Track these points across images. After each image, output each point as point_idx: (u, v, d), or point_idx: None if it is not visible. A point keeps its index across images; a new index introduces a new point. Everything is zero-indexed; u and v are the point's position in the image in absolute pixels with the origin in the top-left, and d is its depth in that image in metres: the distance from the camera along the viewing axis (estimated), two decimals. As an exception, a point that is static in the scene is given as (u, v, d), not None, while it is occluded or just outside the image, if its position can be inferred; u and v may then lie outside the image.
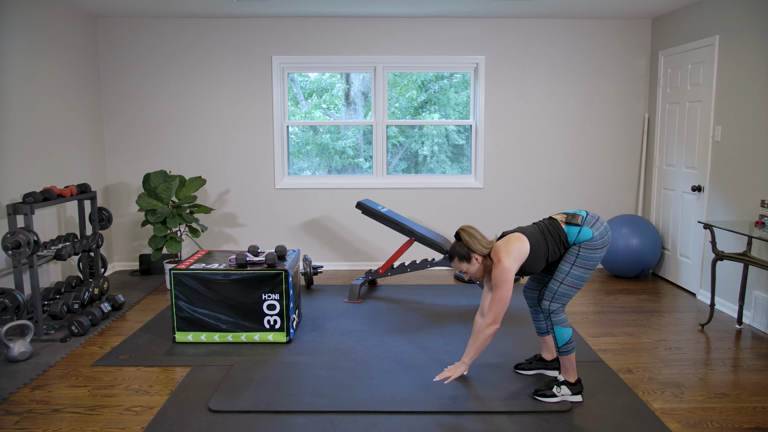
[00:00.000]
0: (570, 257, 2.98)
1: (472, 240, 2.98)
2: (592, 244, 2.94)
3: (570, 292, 2.99)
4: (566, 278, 2.97)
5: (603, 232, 2.97)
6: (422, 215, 6.02)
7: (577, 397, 3.06)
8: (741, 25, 4.44)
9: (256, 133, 5.89)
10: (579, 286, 3.00)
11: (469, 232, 3.00)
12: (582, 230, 2.95)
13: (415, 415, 2.93)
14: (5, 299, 3.92)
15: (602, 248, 2.97)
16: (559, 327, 3.01)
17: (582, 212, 3.02)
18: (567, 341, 3.01)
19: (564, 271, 2.98)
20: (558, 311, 3.00)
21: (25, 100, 4.55)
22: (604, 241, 2.97)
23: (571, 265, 2.97)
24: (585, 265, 2.96)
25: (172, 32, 5.74)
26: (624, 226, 5.43)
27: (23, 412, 3.00)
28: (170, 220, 5.16)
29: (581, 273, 2.97)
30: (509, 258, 2.89)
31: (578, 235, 2.95)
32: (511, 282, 2.90)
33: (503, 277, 2.88)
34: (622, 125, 5.94)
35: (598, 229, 2.96)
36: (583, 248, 2.95)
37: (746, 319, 4.35)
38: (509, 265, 2.88)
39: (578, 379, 3.08)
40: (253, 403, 3.04)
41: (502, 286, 2.89)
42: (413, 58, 5.81)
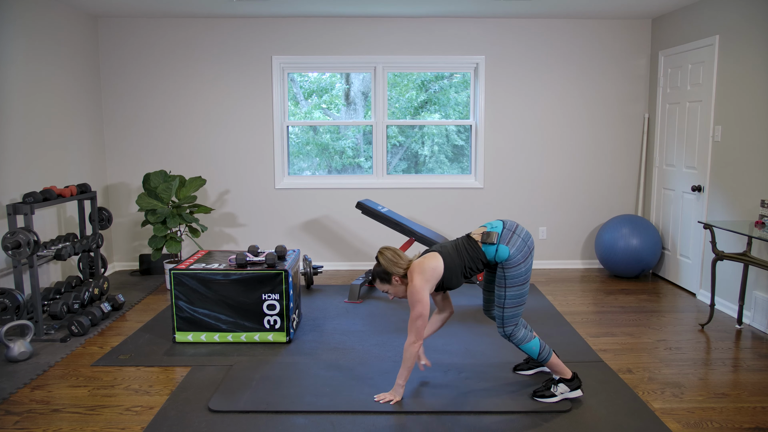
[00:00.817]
0: (500, 281, 3.00)
1: (389, 263, 3.01)
2: (513, 262, 2.95)
3: (515, 311, 3.01)
4: (506, 302, 2.99)
5: (521, 246, 2.96)
6: (422, 215, 6.02)
7: (577, 392, 3.06)
8: (741, 25, 4.44)
9: (256, 133, 5.89)
10: (522, 302, 3.01)
11: (386, 255, 3.02)
12: (499, 249, 2.95)
13: (415, 415, 2.93)
14: (5, 299, 3.92)
15: (524, 261, 2.97)
16: (524, 345, 3.04)
17: (498, 227, 3.00)
18: (540, 350, 3.04)
19: (501, 297, 3.00)
20: (514, 333, 3.03)
21: (25, 99, 4.55)
22: (524, 255, 2.96)
23: (504, 288, 2.99)
24: (516, 283, 2.97)
25: (172, 32, 5.74)
26: (624, 226, 5.43)
27: (23, 412, 3.00)
28: (170, 220, 5.16)
29: (517, 291, 2.98)
30: (422, 278, 2.92)
31: (496, 254, 2.97)
32: (425, 300, 2.92)
33: (416, 297, 2.91)
34: (622, 125, 5.94)
35: (515, 244, 2.95)
36: (506, 269, 2.96)
37: (746, 319, 4.35)
38: (419, 284, 2.91)
39: (574, 374, 3.08)
40: (253, 403, 3.04)
41: (416, 305, 2.91)
42: (413, 58, 5.81)
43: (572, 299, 4.96)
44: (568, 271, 5.95)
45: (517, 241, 2.96)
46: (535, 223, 6.05)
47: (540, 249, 6.08)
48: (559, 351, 3.74)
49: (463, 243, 3.04)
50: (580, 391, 3.07)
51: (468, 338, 3.98)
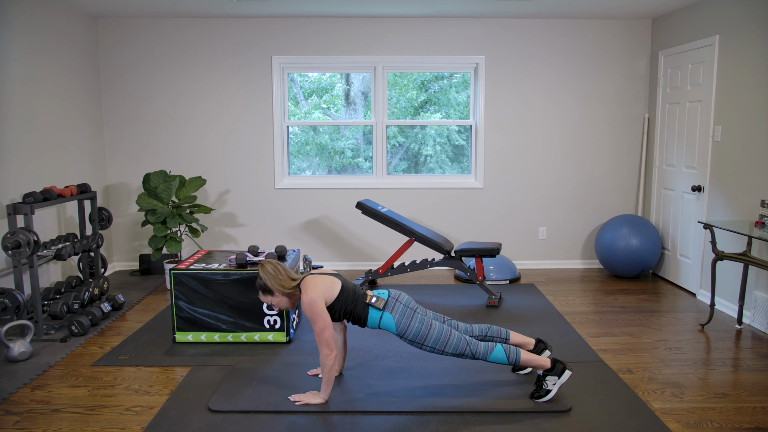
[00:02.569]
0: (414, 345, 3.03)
1: (269, 276, 3.04)
2: (402, 327, 3.00)
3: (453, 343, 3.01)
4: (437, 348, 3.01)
5: (403, 311, 3.02)
6: (422, 215, 6.02)
7: (566, 374, 3.03)
8: (741, 25, 4.44)
9: (256, 133, 5.89)
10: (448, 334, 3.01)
11: (265, 267, 3.06)
12: (384, 317, 3.01)
13: (415, 415, 2.93)
14: (5, 299, 3.92)
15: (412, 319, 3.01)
16: (489, 356, 3.04)
17: (384, 294, 3.07)
18: (506, 355, 3.04)
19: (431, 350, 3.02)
20: (475, 351, 3.02)
21: (25, 100, 4.55)
22: (408, 315, 3.01)
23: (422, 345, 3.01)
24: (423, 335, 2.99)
25: (172, 32, 5.74)
26: (624, 226, 5.43)
27: (23, 412, 3.00)
28: (170, 220, 5.16)
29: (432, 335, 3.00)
30: (315, 291, 2.95)
31: (380, 321, 3.02)
32: (324, 313, 2.92)
33: (312, 310, 2.92)
34: (622, 125, 5.94)
35: (397, 311, 3.01)
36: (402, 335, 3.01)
37: (746, 319, 4.35)
38: (313, 297, 2.92)
39: (552, 360, 3.07)
40: (253, 403, 3.04)
41: (315, 318, 2.92)
42: (413, 58, 5.81)
43: (572, 299, 4.96)
44: (568, 271, 5.95)
45: (399, 306, 3.04)
46: (535, 223, 6.05)
47: (540, 249, 6.08)
48: (559, 351, 3.74)
49: (356, 294, 3.08)
50: (568, 371, 3.04)
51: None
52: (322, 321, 2.92)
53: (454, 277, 5.69)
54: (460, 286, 5.37)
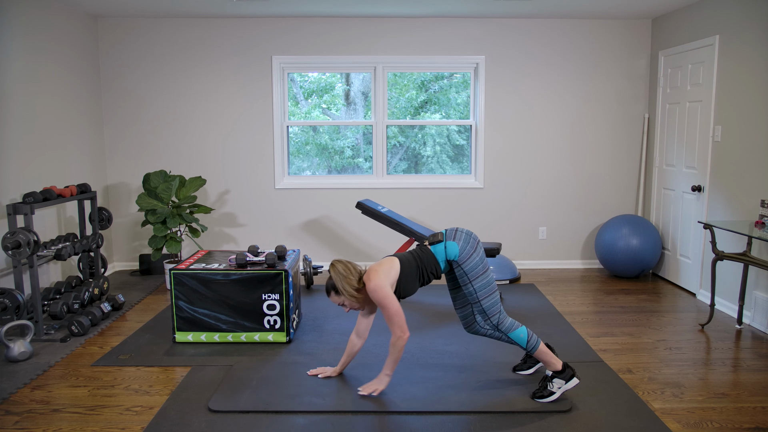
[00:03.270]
0: (463, 279, 3.02)
1: (339, 277, 3.01)
2: (464, 255, 2.99)
3: (492, 299, 3.02)
4: (478, 294, 3.01)
5: (466, 239, 3.02)
6: (422, 215, 6.02)
7: (573, 381, 3.05)
8: (741, 25, 4.44)
9: (256, 133, 5.89)
10: (493, 291, 3.03)
11: (337, 269, 3.03)
12: (448, 245, 3.00)
13: (415, 415, 2.93)
14: (5, 299, 3.92)
15: (475, 251, 3.01)
16: (513, 332, 3.05)
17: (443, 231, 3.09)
18: (528, 339, 3.05)
19: (471, 293, 3.02)
20: (501, 320, 3.04)
21: (25, 100, 4.55)
22: (472, 245, 3.01)
23: (470, 283, 3.01)
24: (478, 274, 2.99)
25: (172, 32, 5.74)
26: (624, 226, 5.43)
27: (23, 412, 3.00)
28: (170, 220, 5.16)
29: (483, 281, 3.00)
30: (378, 277, 2.93)
31: (446, 252, 3.01)
32: (391, 295, 2.92)
33: (380, 295, 2.91)
34: (622, 125, 5.94)
35: (461, 239, 3.01)
36: (462, 263, 2.99)
37: (746, 319, 4.35)
38: (378, 282, 2.91)
39: (564, 364, 3.08)
40: (253, 403, 3.04)
41: (384, 303, 2.91)
42: (413, 58, 5.81)
43: (572, 299, 4.96)
44: (568, 271, 5.95)
45: (462, 234, 3.03)
46: (534, 223, 6.05)
47: (540, 249, 6.08)
48: (559, 351, 3.74)
49: (416, 249, 3.10)
50: (576, 379, 3.06)
51: (468, 338, 3.98)
52: (392, 305, 2.91)
53: (454, 277, 5.68)
54: (460, 286, 5.37)
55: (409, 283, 3.02)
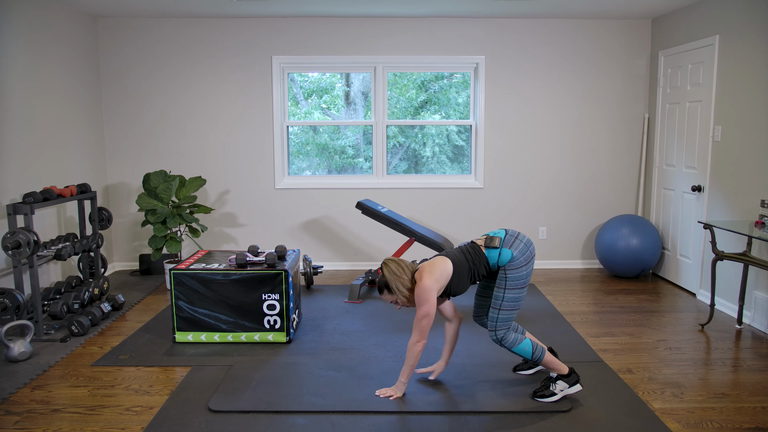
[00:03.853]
0: (500, 282, 3.00)
1: (393, 277, 3.00)
2: (515, 264, 2.97)
3: (510, 315, 3.01)
4: (502, 303, 2.99)
5: (523, 249, 2.99)
6: (422, 215, 6.02)
7: (576, 387, 3.05)
8: (741, 25, 4.44)
9: (256, 133, 5.89)
10: (517, 308, 3.02)
11: (390, 268, 3.02)
12: (502, 252, 2.98)
13: (415, 415, 2.93)
14: (5, 299, 3.92)
15: (526, 265, 2.99)
16: (516, 347, 3.04)
17: (500, 233, 3.05)
18: (532, 351, 3.04)
19: (499, 298, 3.00)
20: (505, 336, 3.03)
21: (25, 100, 4.55)
22: (526, 258, 2.99)
23: (503, 290, 2.99)
24: (516, 286, 2.98)
25: (172, 32, 5.74)
26: (624, 226, 5.43)
27: (23, 412, 3.00)
28: (170, 220, 5.16)
29: (515, 295, 2.99)
30: (431, 278, 2.93)
31: (499, 258, 2.98)
32: (433, 301, 2.92)
33: (424, 296, 2.91)
34: (622, 125, 5.94)
35: (518, 248, 2.98)
36: (509, 270, 2.97)
37: (746, 319, 4.35)
38: (429, 284, 2.92)
39: (571, 369, 3.08)
40: (253, 403, 3.04)
41: (423, 304, 2.92)
42: (413, 58, 5.81)
43: (572, 299, 4.96)
44: (568, 271, 5.95)
45: (520, 245, 2.99)
46: (535, 223, 6.05)
47: (540, 249, 6.08)
48: (559, 351, 3.74)
49: (468, 248, 3.06)
50: (579, 385, 3.07)
51: (468, 338, 3.98)
52: (428, 309, 2.91)
53: (454, 277, 5.68)
54: (460, 286, 5.37)
55: (461, 283, 3.02)
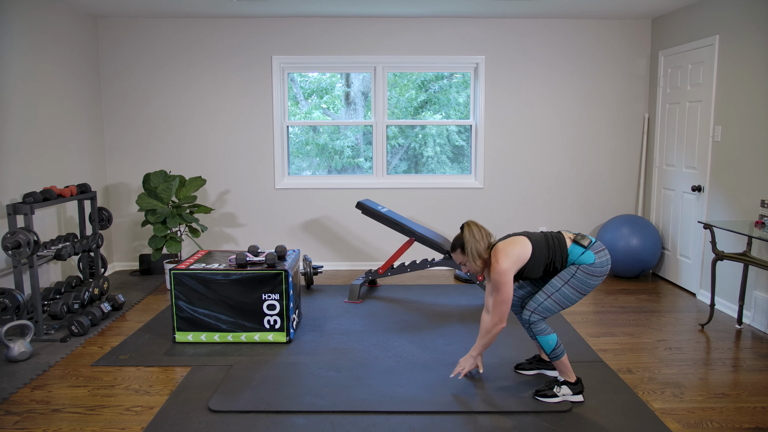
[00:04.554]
0: (566, 275, 2.99)
1: (473, 239, 2.99)
2: (591, 269, 2.97)
3: (555, 308, 3.01)
4: (555, 294, 2.99)
5: (605, 262, 2.99)
6: (422, 215, 6.02)
7: (578, 397, 3.06)
8: (741, 25, 4.44)
9: (256, 133, 5.89)
10: (565, 306, 3.02)
11: (472, 229, 3.01)
12: (586, 253, 2.98)
13: (415, 415, 2.93)
14: (5, 299, 3.92)
15: (600, 276, 2.99)
16: (542, 336, 3.03)
17: (592, 238, 3.05)
18: (554, 347, 3.03)
19: (555, 287, 2.99)
20: (537, 323, 3.02)
21: (25, 100, 4.55)
22: (603, 270, 2.99)
23: (564, 282, 2.99)
24: (578, 288, 2.98)
25: (172, 32, 5.74)
26: (624, 226, 5.43)
27: (23, 412, 3.00)
28: (170, 220, 5.16)
29: (571, 293, 2.99)
30: (507, 260, 2.92)
31: (580, 257, 2.97)
32: (510, 283, 2.92)
33: (501, 280, 2.91)
34: (622, 125, 5.94)
35: (601, 258, 2.99)
36: (581, 270, 2.97)
37: (746, 319, 4.35)
38: (506, 267, 2.91)
39: (578, 379, 3.09)
40: (253, 403, 3.04)
41: (501, 288, 2.92)
42: (413, 58, 5.81)
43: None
44: (568, 271, 5.94)
45: (604, 256, 3.00)
46: (535, 223, 6.05)
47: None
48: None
49: (552, 236, 3.05)
50: (581, 396, 3.07)
51: (468, 338, 3.98)
52: (507, 292, 2.91)
53: (454, 277, 5.69)
54: (460, 286, 5.37)
55: (535, 268, 3.00)
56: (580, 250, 2.98)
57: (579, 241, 2.99)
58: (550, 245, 3.01)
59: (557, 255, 3.00)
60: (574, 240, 3.01)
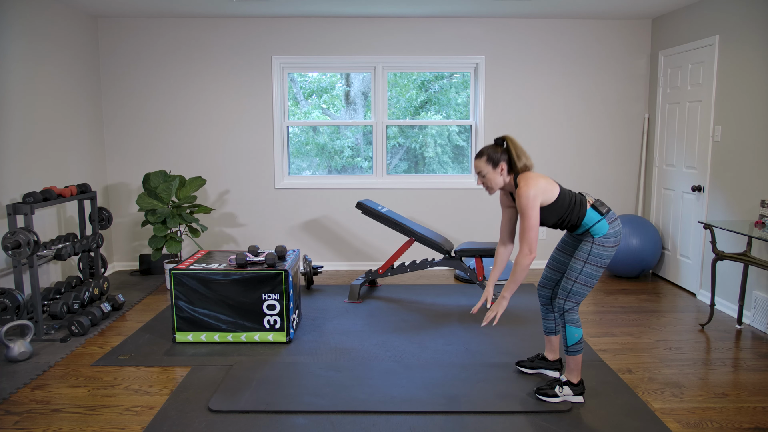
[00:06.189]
0: (582, 254, 2.99)
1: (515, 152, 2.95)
2: (605, 241, 2.96)
3: (584, 290, 3.00)
4: (579, 276, 2.98)
5: (617, 232, 3.00)
6: (422, 215, 6.02)
7: (579, 398, 3.06)
8: (741, 25, 4.44)
9: (256, 133, 5.89)
10: (592, 285, 3.01)
11: (515, 144, 2.98)
12: (601, 221, 2.97)
13: (415, 415, 2.93)
14: (5, 299, 3.92)
15: (614, 246, 2.99)
16: (572, 326, 3.02)
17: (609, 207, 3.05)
18: (577, 341, 3.03)
19: (577, 270, 2.99)
20: (572, 310, 3.02)
21: (25, 100, 4.55)
22: (616, 240, 2.99)
23: (583, 263, 2.98)
24: (597, 263, 2.97)
25: (172, 32, 5.74)
26: (624, 226, 5.43)
27: (23, 412, 3.00)
28: (170, 220, 5.16)
29: (593, 271, 2.98)
30: (535, 188, 2.88)
31: (595, 225, 2.96)
32: (537, 209, 2.88)
33: (528, 204, 2.87)
34: (622, 125, 5.94)
35: (614, 228, 2.99)
36: (596, 245, 2.96)
37: (746, 319, 4.35)
38: (534, 194, 2.87)
39: (581, 380, 3.09)
40: (253, 403, 3.04)
41: (528, 213, 2.87)
42: (413, 58, 5.81)
43: (572, 299, 4.96)
44: (568, 271, 5.94)
45: (617, 226, 3.00)
46: (535, 223, 6.04)
47: (540, 249, 6.08)
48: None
49: (575, 194, 3.04)
50: (582, 397, 3.07)
51: (468, 338, 3.98)
52: (533, 219, 2.87)
53: (454, 277, 5.69)
54: (459, 286, 5.37)
55: (550, 215, 2.98)
56: (597, 217, 2.97)
57: (598, 207, 2.99)
58: (572, 201, 2.99)
59: (574, 213, 2.98)
60: (593, 205, 3.00)
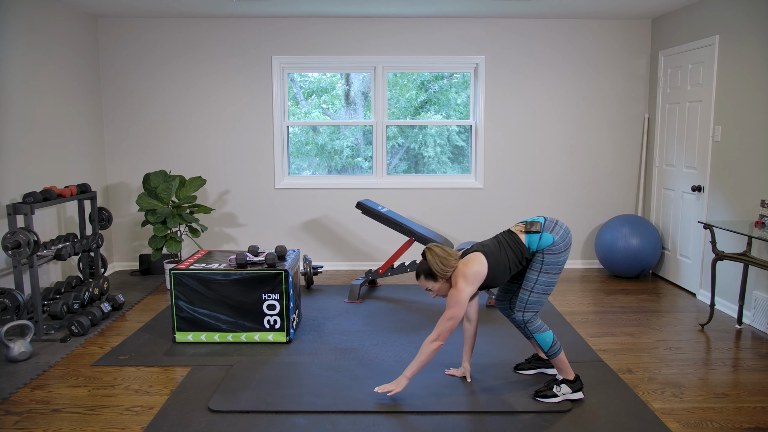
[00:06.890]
0: (536, 265, 3.00)
1: (435, 262, 2.99)
2: (555, 249, 2.97)
3: (540, 299, 3.02)
4: (535, 286, 3.00)
5: (563, 235, 3.00)
6: (422, 215, 6.02)
7: (578, 394, 3.06)
8: (741, 25, 4.44)
9: (256, 133, 5.89)
10: (548, 292, 3.03)
11: (434, 252, 3.01)
12: (543, 236, 2.98)
13: (415, 415, 2.93)
14: (5, 299, 3.92)
15: (565, 251, 3.00)
16: (539, 333, 3.04)
17: (540, 218, 3.04)
18: (551, 344, 3.04)
19: (532, 280, 3.01)
20: (532, 320, 3.04)
21: (25, 100, 4.55)
22: (565, 244, 3.00)
23: (537, 273, 3.00)
24: (551, 271, 2.99)
25: (172, 32, 5.74)
26: (624, 226, 5.43)
27: (23, 412, 3.00)
28: (170, 220, 5.16)
29: (549, 279, 3.00)
30: (466, 282, 2.93)
31: (540, 242, 2.98)
32: (464, 303, 2.92)
33: (456, 298, 2.91)
34: (622, 125, 5.94)
35: (558, 233, 2.99)
36: (547, 254, 2.98)
37: (746, 319, 4.35)
38: (463, 288, 2.92)
39: (577, 376, 3.09)
40: (253, 403, 3.04)
41: (453, 306, 2.91)
42: (413, 58, 5.81)
43: (572, 299, 4.96)
44: (568, 271, 5.95)
45: (560, 230, 3.00)
46: (535, 223, 6.04)
47: (540, 249, 6.07)
48: (559, 351, 3.75)
49: (505, 238, 3.05)
50: (581, 393, 3.07)
51: (468, 338, 3.98)
52: (457, 311, 2.90)
53: (454, 277, 5.68)
54: (460, 286, 5.37)
55: (497, 278, 3.01)
56: (537, 237, 2.98)
57: (530, 230, 3.00)
58: (506, 249, 3.01)
59: (517, 254, 3.00)
60: (526, 231, 3.01)
